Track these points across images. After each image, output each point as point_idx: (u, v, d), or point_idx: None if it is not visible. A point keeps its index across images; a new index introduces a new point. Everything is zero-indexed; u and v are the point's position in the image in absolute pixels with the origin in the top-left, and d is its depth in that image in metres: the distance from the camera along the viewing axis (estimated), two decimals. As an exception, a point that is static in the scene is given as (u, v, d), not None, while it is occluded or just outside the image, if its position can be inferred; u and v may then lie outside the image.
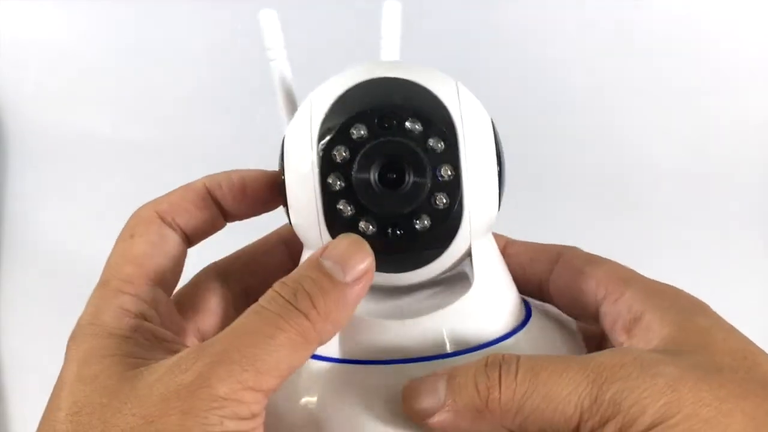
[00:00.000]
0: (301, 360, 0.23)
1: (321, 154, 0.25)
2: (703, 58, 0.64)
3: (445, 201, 0.25)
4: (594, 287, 0.28)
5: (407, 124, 0.25)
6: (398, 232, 0.25)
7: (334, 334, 0.24)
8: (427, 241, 0.25)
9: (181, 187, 0.28)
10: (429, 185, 0.25)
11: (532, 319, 0.28)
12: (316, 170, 0.25)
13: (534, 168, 0.60)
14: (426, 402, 0.23)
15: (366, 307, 0.26)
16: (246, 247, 0.32)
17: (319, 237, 0.25)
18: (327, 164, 0.25)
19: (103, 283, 0.26)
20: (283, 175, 0.26)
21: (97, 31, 0.65)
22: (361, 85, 0.26)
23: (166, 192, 0.28)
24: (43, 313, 0.67)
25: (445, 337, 0.26)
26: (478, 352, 0.26)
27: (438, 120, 0.25)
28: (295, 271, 0.24)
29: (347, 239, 0.24)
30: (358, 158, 0.25)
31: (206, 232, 0.29)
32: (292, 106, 0.30)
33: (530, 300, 0.30)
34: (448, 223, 0.25)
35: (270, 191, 0.28)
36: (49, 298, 0.68)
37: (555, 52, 0.64)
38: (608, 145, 0.65)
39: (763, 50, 0.64)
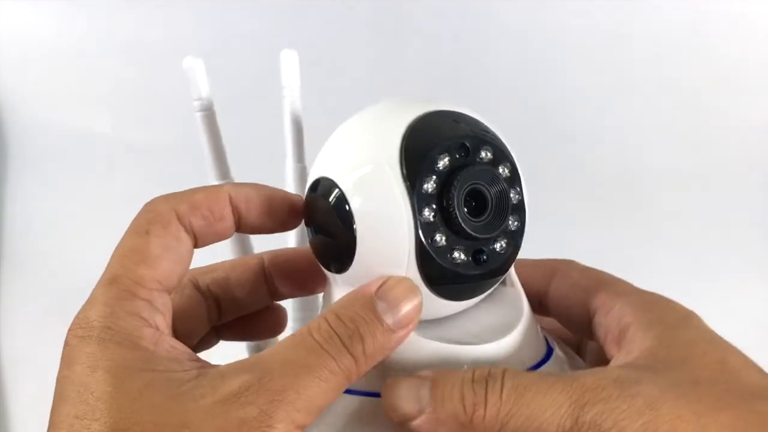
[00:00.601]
0: (335, 398, 0.23)
1: (412, 187, 0.24)
2: (703, 59, 0.64)
3: (516, 223, 0.26)
4: (588, 300, 0.28)
5: (481, 152, 0.25)
6: (484, 257, 0.25)
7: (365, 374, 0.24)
8: (502, 264, 0.26)
9: (204, 189, 0.27)
10: (509, 209, 0.25)
11: (551, 343, 0.29)
12: (408, 202, 0.24)
13: (533, 169, 0.60)
14: (407, 407, 0.23)
15: (426, 332, 0.26)
16: (226, 262, 0.32)
17: (404, 271, 0.25)
18: (420, 196, 0.24)
19: (113, 280, 0.24)
20: (348, 205, 0.25)
21: (97, 31, 0.65)
22: (426, 118, 0.25)
23: (165, 191, 0.27)
24: (42, 314, 0.67)
25: (514, 357, 0.26)
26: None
27: (501, 147, 0.26)
28: (349, 303, 0.24)
29: (403, 284, 0.24)
30: (452, 188, 0.24)
31: (216, 240, 0.28)
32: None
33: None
34: (517, 243, 0.26)
35: (291, 213, 0.28)
36: (49, 298, 0.68)
37: (555, 53, 0.64)
38: (608, 146, 0.65)
39: (763, 50, 0.64)
